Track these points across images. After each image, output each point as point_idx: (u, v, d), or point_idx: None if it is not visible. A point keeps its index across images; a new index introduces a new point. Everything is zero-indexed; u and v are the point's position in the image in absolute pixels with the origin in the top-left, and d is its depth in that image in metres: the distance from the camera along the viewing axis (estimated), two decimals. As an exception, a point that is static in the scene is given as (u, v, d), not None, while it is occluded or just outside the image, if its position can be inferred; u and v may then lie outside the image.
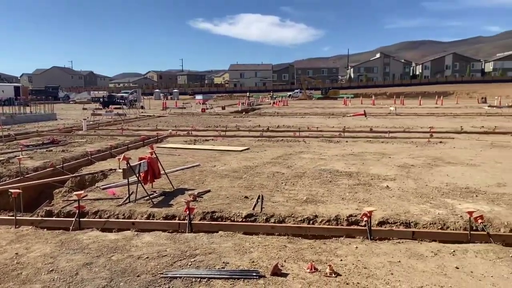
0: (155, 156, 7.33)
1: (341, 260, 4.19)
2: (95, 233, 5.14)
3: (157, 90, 76.97)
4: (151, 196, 6.50)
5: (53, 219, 5.86)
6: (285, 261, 4.19)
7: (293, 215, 5.66)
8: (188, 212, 5.33)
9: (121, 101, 39.50)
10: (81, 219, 5.52)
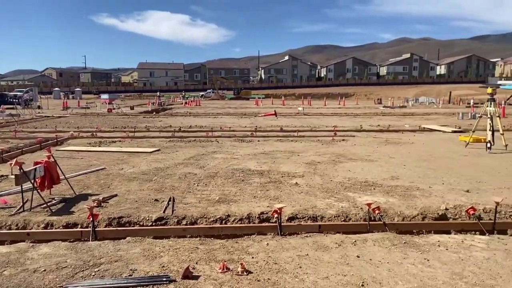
0: (53, 160, 6.73)
1: (252, 258, 4.24)
2: (-20, 248, 4.54)
3: (56, 89, 70.76)
4: (48, 204, 5.95)
5: None
6: (196, 263, 4.12)
7: (205, 216, 5.60)
8: (91, 219, 4.97)
9: (14, 100, 35.71)
10: (-37, 233, 4.85)
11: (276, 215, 5.12)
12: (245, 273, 3.82)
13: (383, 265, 4.10)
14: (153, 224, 5.43)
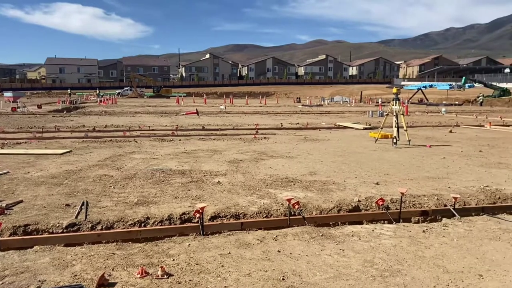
0: None
1: (173, 260, 4.13)
2: None
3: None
4: None
5: None
6: (113, 269, 3.90)
7: (123, 220, 5.34)
8: (-9, 229, 4.47)
9: None
10: None
11: (198, 215, 5.04)
12: (165, 276, 3.71)
13: (303, 257, 4.24)
14: (64, 231, 5.04)
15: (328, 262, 4.12)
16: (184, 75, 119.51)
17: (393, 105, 13.14)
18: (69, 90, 59.27)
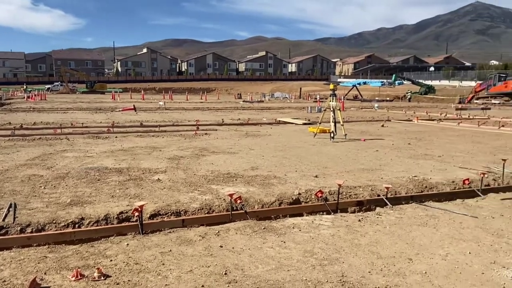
0: None
1: (111, 261, 3.97)
2: None
3: None
4: None
5: None
6: (45, 273, 3.66)
7: (55, 221, 5.03)
8: None
9: None
10: None
11: (137, 214, 4.88)
12: (102, 277, 3.55)
13: (245, 251, 4.27)
14: (-12, 236, 4.64)
15: (270, 254, 4.19)
16: (120, 70, 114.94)
17: (330, 101, 13.62)
18: (-9, 85, 54.68)
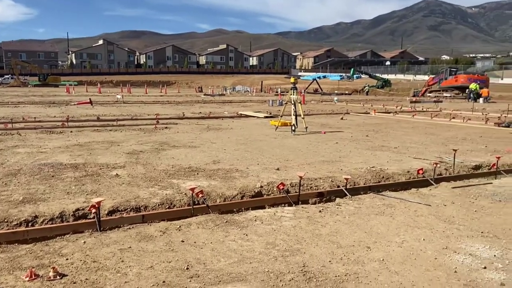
0: None
1: (67, 259, 3.81)
2: None
3: None
4: None
5: None
6: (-5, 277, 3.47)
7: (6, 220, 4.77)
8: None
9: None
10: None
11: (94, 210, 4.72)
12: (58, 277, 3.41)
13: (207, 245, 4.24)
14: None
15: (232, 248, 4.18)
16: (74, 62, 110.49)
17: (291, 94, 13.75)
18: None
